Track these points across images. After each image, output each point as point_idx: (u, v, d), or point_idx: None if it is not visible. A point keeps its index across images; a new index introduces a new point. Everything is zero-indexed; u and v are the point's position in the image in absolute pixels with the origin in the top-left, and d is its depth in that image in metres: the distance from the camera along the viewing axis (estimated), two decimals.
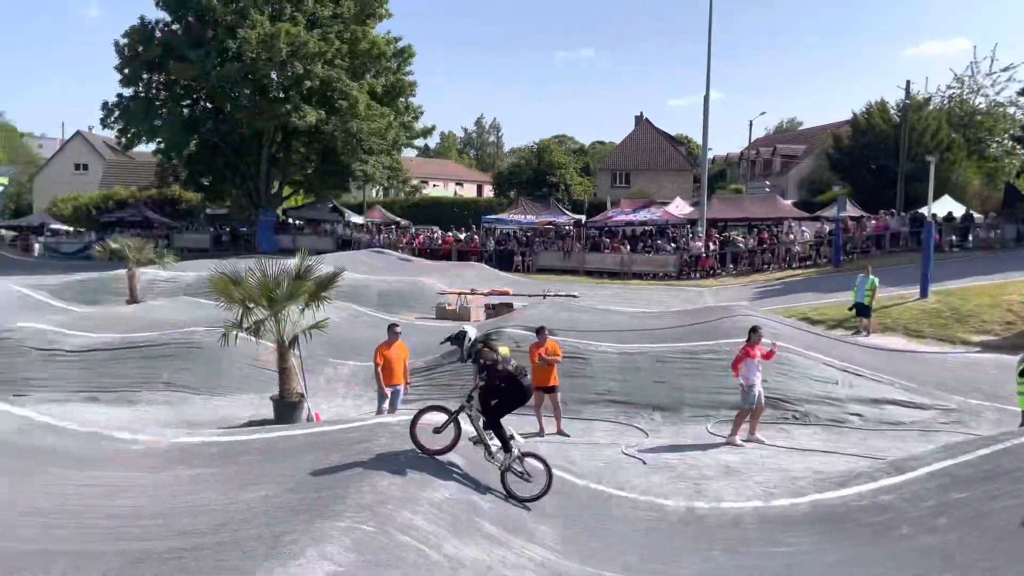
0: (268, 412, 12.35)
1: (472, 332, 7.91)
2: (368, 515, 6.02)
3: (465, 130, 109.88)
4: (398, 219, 44.72)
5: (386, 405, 11.36)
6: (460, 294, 23.48)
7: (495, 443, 7.62)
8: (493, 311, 22.28)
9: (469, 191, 73.65)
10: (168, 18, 37.21)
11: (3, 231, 45.38)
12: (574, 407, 12.50)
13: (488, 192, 69.59)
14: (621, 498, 8.49)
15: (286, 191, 43.59)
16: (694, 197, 44.96)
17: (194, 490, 7.41)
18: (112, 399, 13.58)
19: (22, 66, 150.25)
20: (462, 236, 39.02)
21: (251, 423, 11.89)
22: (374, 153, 39.41)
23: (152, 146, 41.06)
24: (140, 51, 36.54)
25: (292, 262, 13.24)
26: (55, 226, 44.13)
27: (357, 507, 6.20)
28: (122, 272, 23.89)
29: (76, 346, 15.34)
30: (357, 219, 43.23)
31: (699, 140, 55.84)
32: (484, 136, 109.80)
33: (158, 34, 37.02)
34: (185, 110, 38.10)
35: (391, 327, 11.60)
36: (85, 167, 62.34)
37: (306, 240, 38.38)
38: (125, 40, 36.97)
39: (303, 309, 12.50)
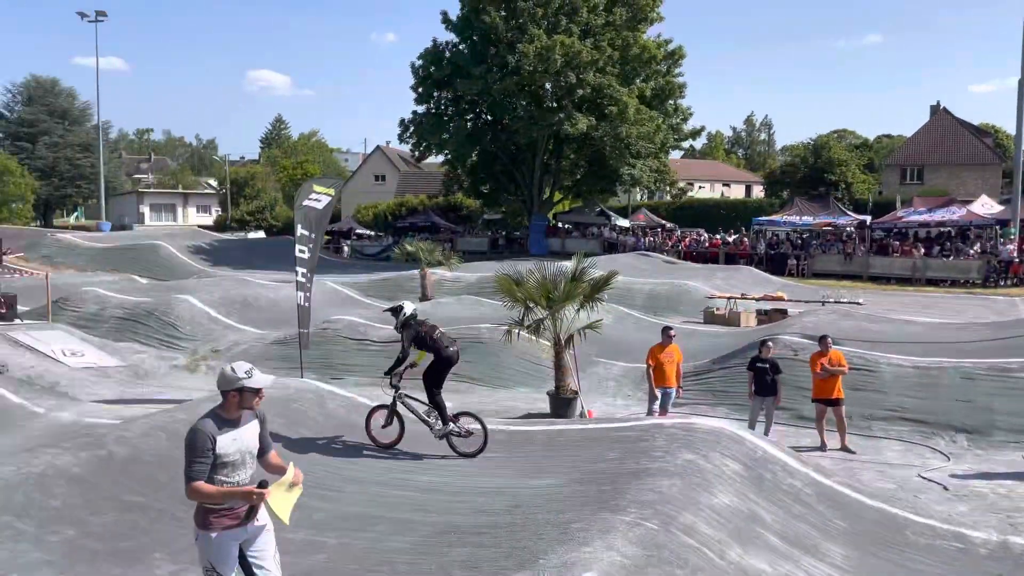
0: (544, 406, 13.03)
1: (409, 308, 8.98)
2: (651, 512, 6.17)
3: (733, 129, 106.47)
4: (663, 222, 44.56)
5: (656, 406, 11.48)
6: (729, 298, 22.88)
7: (437, 423, 8.65)
8: (765, 317, 21.42)
9: (737, 192, 71.25)
10: (456, 39, 40.59)
11: None
12: (861, 423, 11.67)
13: (758, 192, 66.79)
14: (918, 524, 7.80)
15: (556, 196, 45.38)
16: (1004, 194, 39.52)
17: (486, 472, 8.09)
18: (409, 386, 15.13)
19: (332, 90, 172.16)
20: (730, 238, 37.89)
21: (529, 415, 12.63)
22: (642, 157, 39.70)
23: (440, 157, 45.00)
24: (432, 71, 40.25)
25: (568, 264, 13.89)
26: (359, 231, 49.89)
27: (639, 504, 6.38)
28: (415, 272, 26.44)
29: (381, 337, 17.28)
30: (623, 222, 43.79)
31: (1010, 130, 49.05)
32: (754, 134, 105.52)
33: (447, 54, 40.51)
34: (469, 123, 41.22)
35: (665, 330, 11.67)
36: (383, 178, 69.88)
37: (574, 243, 39.64)
38: (420, 62, 40.95)
39: (578, 310, 13.03)
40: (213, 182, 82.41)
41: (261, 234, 55.64)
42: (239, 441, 4.16)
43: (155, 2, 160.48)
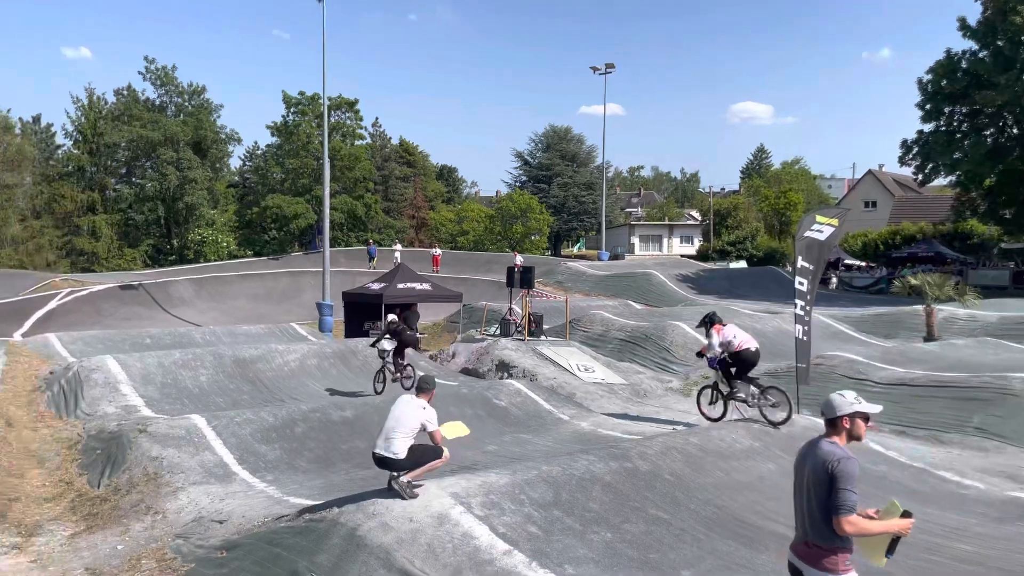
0: None
1: (390, 317, 15.82)
2: None
3: None
4: None
5: None
6: None
7: (401, 372, 14.91)
8: None
9: None
10: (975, 47, 35.59)
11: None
12: None
13: None
14: None
15: None
16: None
17: None
18: (921, 436, 13.52)
19: (816, 115, 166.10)
20: None
21: None
22: None
23: (948, 180, 39.90)
24: (943, 84, 35.92)
25: None
26: (848, 261, 46.83)
27: None
28: (918, 308, 23.76)
29: (883, 379, 15.84)
30: None
31: None
32: None
33: (963, 64, 35.75)
34: (989, 139, 35.72)
35: None
36: (874, 204, 64.87)
37: None
38: (929, 76, 36.90)
39: None
40: (695, 213, 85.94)
41: (743, 264, 56.00)
42: None
43: (648, 50, 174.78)
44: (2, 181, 47.52)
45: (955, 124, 37.00)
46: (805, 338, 13.70)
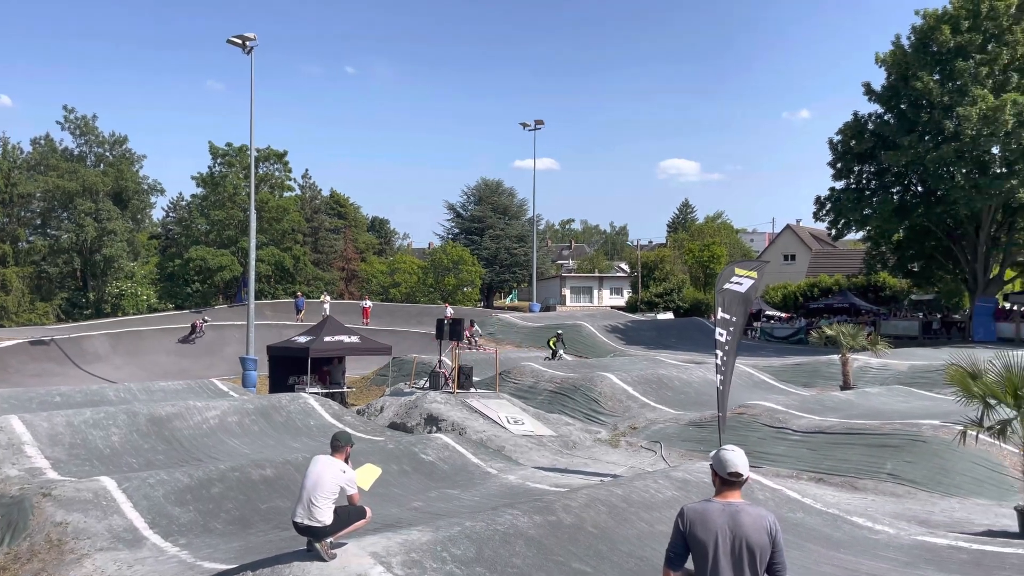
0: (1008, 523, 10.94)
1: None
2: None
3: None
4: None
5: None
6: None
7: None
8: None
9: None
10: (880, 110, 37.89)
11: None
12: None
13: None
14: None
15: (1008, 274, 38.94)
16: None
17: None
18: (837, 483, 13.93)
19: (740, 172, 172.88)
20: None
21: (990, 532, 10.69)
22: None
23: (859, 234, 41.90)
24: (852, 145, 38.02)
25: None
26: (769, 312, 48.36)
27: None
28: (835, 357, 24.63)
29: (801, 427, 16.31)
30: None
31: None
32: None
33: (870, 126, 37.98)
34: (895, 197, 37.78)
35: None
36: (792, 257, 67.50)
37: None
38: (839, 137, 39.04)
39: None
40: (624, 266, 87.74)
41: (670, 315, 57.20)
42: None
43: (582, 107, 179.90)
44: None
45: (864, 182, 39.08)
46: (722, 387, 14.06)
